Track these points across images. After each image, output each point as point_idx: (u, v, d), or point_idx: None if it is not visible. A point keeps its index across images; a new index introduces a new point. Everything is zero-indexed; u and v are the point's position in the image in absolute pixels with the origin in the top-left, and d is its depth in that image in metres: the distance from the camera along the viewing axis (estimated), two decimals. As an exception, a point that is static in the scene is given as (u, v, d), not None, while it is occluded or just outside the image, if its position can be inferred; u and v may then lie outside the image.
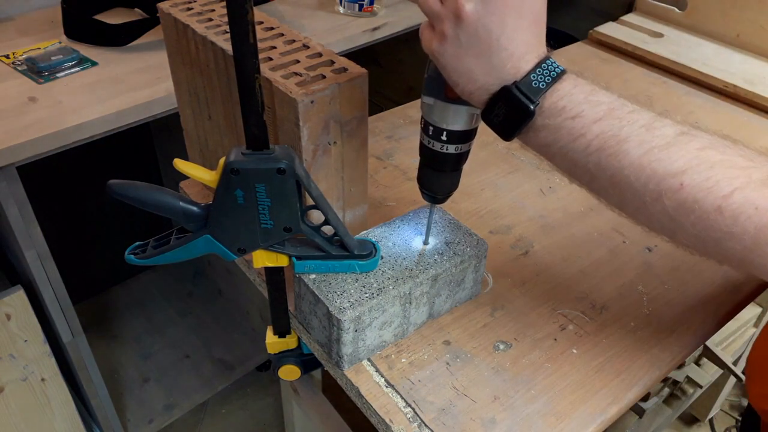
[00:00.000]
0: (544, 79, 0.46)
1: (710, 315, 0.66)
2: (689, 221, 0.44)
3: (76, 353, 1.16)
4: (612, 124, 0.45)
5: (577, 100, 0.46)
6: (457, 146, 0.54)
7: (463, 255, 0.61)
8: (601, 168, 0.46)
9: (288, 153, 0.50)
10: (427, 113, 0.54)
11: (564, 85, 0.47)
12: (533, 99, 0.46)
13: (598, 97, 0.46)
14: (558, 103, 0.46)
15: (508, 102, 0.46)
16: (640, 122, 0.45)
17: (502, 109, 0.47)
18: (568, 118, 0.46)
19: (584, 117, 0.46)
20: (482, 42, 0.45)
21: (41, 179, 1.39)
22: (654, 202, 0.44)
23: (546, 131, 0.47)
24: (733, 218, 0.42)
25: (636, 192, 0.45)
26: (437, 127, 0.53)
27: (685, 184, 0.43)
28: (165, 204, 0.51)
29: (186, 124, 0.77)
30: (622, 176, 0.45)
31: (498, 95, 0.47)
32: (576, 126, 0.46)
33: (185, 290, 1.82)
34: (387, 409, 0.55)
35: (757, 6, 1.11)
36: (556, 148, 0.48)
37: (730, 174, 0.42)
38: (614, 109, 0.46)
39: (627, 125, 0.45)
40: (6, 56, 1.06)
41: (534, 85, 0.46)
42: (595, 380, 0.59)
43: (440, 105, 0.52)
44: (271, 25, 0.65)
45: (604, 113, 0.46)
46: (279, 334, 0.65)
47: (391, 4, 1.29)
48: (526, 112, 0.46)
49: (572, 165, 0.48)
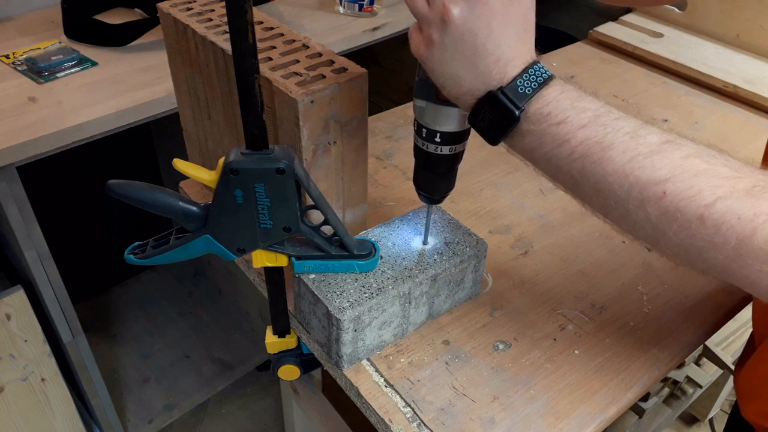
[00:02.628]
0: (530, 85, 0.46)
1: (710, 315, 0.66)
2: (672, 230, 0.43)
3: (76, 353, 1.16)
4: (597, 131, 0.45)
5: (562, 107, 0.46)
6: (451, 147, 0.54)
7: (462, 255, 0.61)
8: (584, 175, 0.46)
9: (287, 153, 0.50)
10: (419, 116, 0.54)
11: (550, 91, 0.46)
12: (518, 104, 0.46)
13: (584, 104, 0.46)
14: (543, 108, 0.46)
15: (494, 107, 0.46)
16: (625, 129, 0.45)
17: (487, 113, 0.47)
18: (553, 124, 0.46)
19: (569, 123, 0.45)
20: (468, 47, 0.45)
21: (41, 179, 1.39)
22: (637, 210, 0.44)
23: (531, 137, 0.47)
24: (715, 228, 0.41)
25: (619, 199, 0.45)
26: (430, 129, 0.53)
27: (668, 192, 0.43)
28: (164, 204, 0.51)
29: (186, 124, 0.77)
30: (606, 183, 0.45)
31: (484, 100, 0.47)
32: (560, 132, 0.46)
33: (185, 290, 1.82)
34: (386, 408, 0.55)
35: (757, 6, 1.11)
36: (540, 154, 0.47)
37: (713, 183, 0.42)
38: (600, 116, 0.46)
39: (612, 132, 0.45)
40: (6, 56, 1.06)
41: (520, 91, 0.46)
42: (594, 380, 0.59)
43: (432, 107, 0.52)
44: (271, 25, 0.65)
45: (590, 120, 0.45)
46: (279, 334, 0.65)
47: (391, 4, 1.29)
48: (511, 117, 0.46)
49: (556, 171, 0.48)
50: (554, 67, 1.13)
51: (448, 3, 0.44)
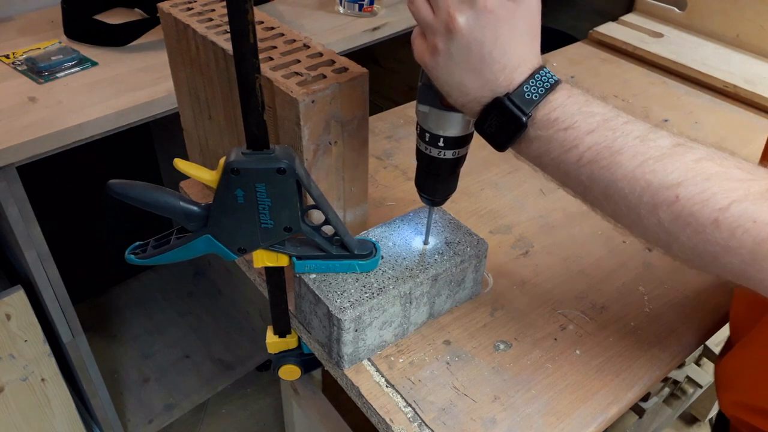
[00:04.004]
0: (537, 91, 0.45)
1: (710, 315, 0.66)
2: (685, 234, 0.42)
3: (76, 353, 1.16)
4: (605, 136, 0.44)
5: (570, 112, 0.45)
6: (454, 151, 0.54)
7: (463, 255, 0.61)
8: (594, 180, 0.45)
9: (288, 153, 0.50)
10: (422, 120, 0.54)
11: (557, 96, 0.46)
12: (525, 111, 0.45)
13: (591, 108, 0.46)
14: (551, 114, 0.46)
15: (501, 113, 0.46)
16: (634, 133, 0.44)
17: (494, 120, 0.46)
18: (561, 129, 0.45)
19: (577, 128, 0.45)
20: (474, 56, 0.45)
21: (41, 179, 1.39)
22: (649, 214, 0.43)
23: (538, 142, 0.47)
24: (730, 232, 0.41)
25: (630, 205, 0.44)
26: (434, 134, 0.53)
27: (681, 196, 0.42)
28: (165, 204, 0.51)
29: (186, 124, 0.77)
30: (616, 188, 0.44)
31: (491, 106, 0.46)
32: (568, 137, 0.45)
33: (185, 290, 1.82)
34: (387, 408, 0.55)
35: (757, 6, 1.11)
36: (548, 159, 0.47)
37: (727, 186, 0.41)
38: (608, 120, 0.45)
39: (621, 136, 0.44)
40: (6, 56, 1.06)
41: (527, 97, 0.45)
42: (595, 380, 0.59)
43: (435, 113, 0.52)
44: (272, 25, 0.65)
45: (598, 124, 0.45)
46: (279, 334, 0.65)
47: (391, 4, 1.29)
48: (518, 123, 0.46)
49: (565, 176, 0.47)
50: (554, 67, 1.13)
51: (454, 11, 0.44)
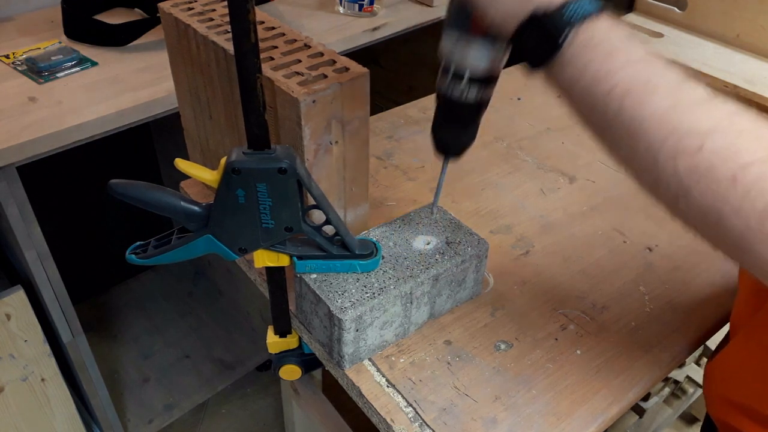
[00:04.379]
0: (580, 13, 0.43)
1: (711, 315, 0.66)
2: (698, 189, 0.40)
3: (76, 353, 1.16)
4: (643, 71, 0.42)
5: (610, 40, 0.43)
6: (478, 91, 0.52)
7: (464, 255, 0.61)
8: (619, 114, 0.43)
9: (289, 153, 0.50)
10: (449, 51, 0.51)
11: (599, 23, 0.44)
12: (564, 31, 0.43)
13: (633, 42, 0.43)
14: (590, 40, 0.43)
15: (538, 32, 0.44)
16: (672, 77, 0.42)
17: (531, 38, 0.45)
18: (598, 56, 0.43)
19: (615, 58, 0.43)
20: None
21: (41, 179, 1.39)
22: (667, 161, 0.41)
23: (572, 67, 0.44)
24: (745, 190, 0.38)
25: (650, 146, 0.42)
26: (458, 70, 0.51)
27: (706, 147, 0.40)
28: (166, 204, 0.51)
29: (186, 124, 0.77)
30: (641, 127, 0.42)
31: (528, 23, 0.44)
32: (604, 67, 0.43)
33: (185, 290, 1.82)
34: (388, 408, 0.55)
35: (757, 6, 1.11)
36: (579, 87, 0.45)
37: (755, 145, 0.39)
38: (648, 57, 0.43)
39: (659, 76, 0.42)
40: (6, 56, 1.06)
41: (566, 18, 0.43)
42: (595, 380, 0.59)
43: (464, 40, 0.50)
44: (272, 24, 0.65)
45: (638, 59, 0.43)
46: (280, 334, 0.65)
47: (391, 4, 1.28)
48: (554, 43, 0.44)
49: (590, 109, 0.45)
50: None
51: None
